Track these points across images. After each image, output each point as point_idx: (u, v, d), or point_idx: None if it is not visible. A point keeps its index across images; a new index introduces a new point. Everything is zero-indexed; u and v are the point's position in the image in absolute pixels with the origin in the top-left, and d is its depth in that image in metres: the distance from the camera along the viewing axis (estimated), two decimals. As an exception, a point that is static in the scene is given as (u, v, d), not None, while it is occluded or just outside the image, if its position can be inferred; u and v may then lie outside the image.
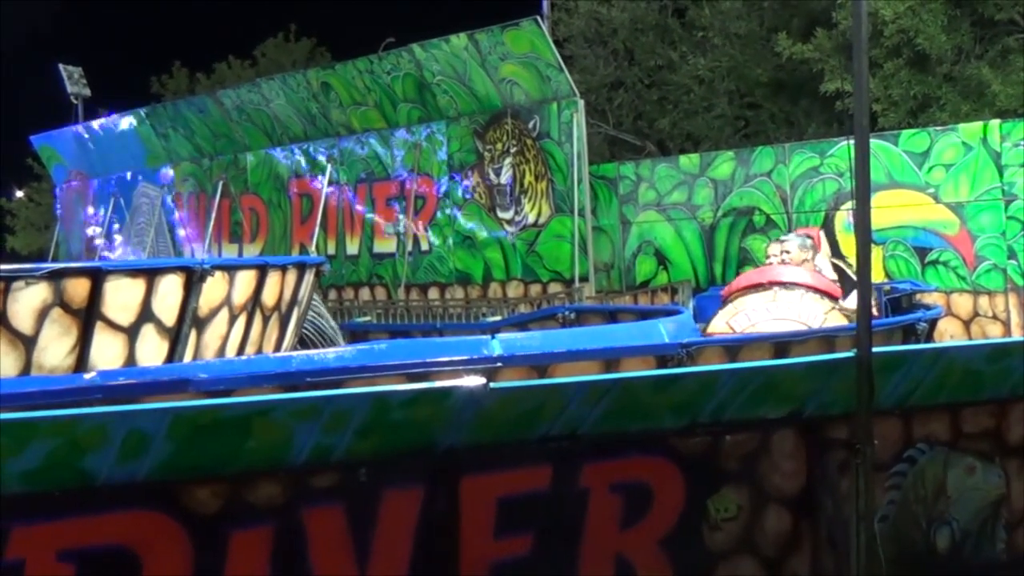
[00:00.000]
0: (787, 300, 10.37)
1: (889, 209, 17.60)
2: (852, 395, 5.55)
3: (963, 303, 17.21)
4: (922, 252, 17.67)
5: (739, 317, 10.46)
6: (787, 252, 11.58)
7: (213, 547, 4.61)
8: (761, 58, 26.69)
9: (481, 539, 5.15)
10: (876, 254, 17.40)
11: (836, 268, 11.82)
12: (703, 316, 13.67)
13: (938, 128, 18.18)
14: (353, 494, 4.88)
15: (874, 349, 5.58)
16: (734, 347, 9.37)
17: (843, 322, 10.03)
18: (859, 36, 5.58)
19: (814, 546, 5.88)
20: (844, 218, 18.40)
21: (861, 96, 5.60)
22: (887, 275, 17.52)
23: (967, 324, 17.13)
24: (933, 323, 11.98)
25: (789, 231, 19.13)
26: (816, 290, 10.44)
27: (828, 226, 18.82)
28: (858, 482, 5.50)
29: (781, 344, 9.60)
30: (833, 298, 10.49)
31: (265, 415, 4.59)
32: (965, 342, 13.47)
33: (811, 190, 19.13)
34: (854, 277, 11.27)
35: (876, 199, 16.97)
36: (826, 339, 9.66)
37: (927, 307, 12.84)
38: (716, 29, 27.23)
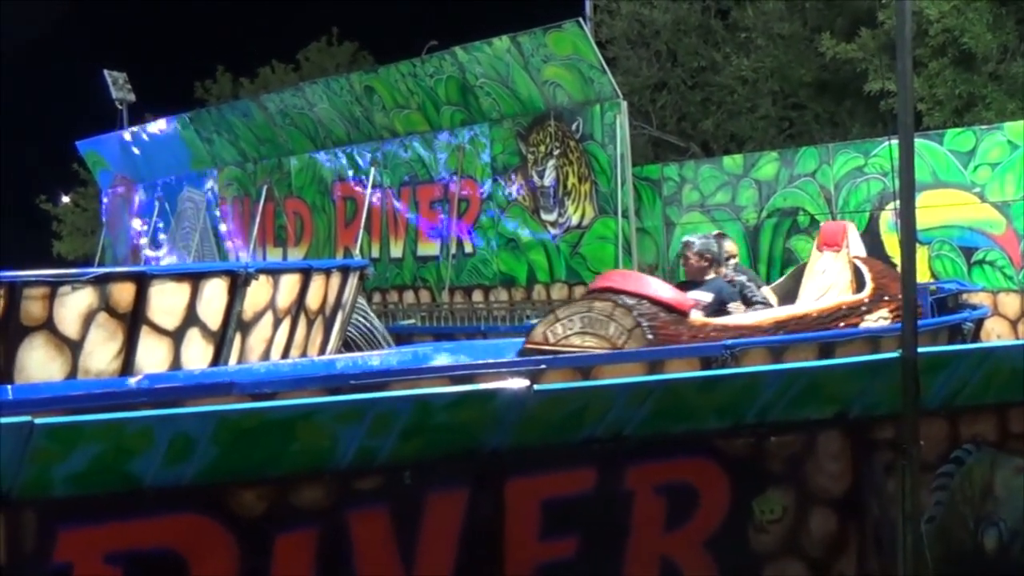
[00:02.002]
0: (599, 313, 9.77)
1: (935, 209, 17.51)
2: (898, 396, 5.52)
3: (1010, 303, 17.09)
4: (968, 252, 17.56)
5: (557, 327, 9.98)
6: (686, 256, 11.11)
7: (258, 550, 4.62)
8: (805, 58, 26.59)
9: (526, 542, 5.15)
10: (922, 254, 17.30)
11: (855, 267, 11.43)
12: (748, 317, 13.65)
13: (983, 127, 18.07)
14: (398, 497, 4.88)
15: (920, 349, 5.54)
16: (779, 348, 9.35)
17: (641, 343, 9.35)
18: (903, 35, 5.55)
19: (860, 548, 5.85)
20: (889, 218, 18.31)
21: (905, 95, 5.57)
22: (933, 275, 17.42)
23: (1014, 324, 17.00)
24: (979, 323, 11.93)
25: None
26: (656, 302, 9.66)
27: (873, 226, 18.73)
28: (904, 483, 5.47)
29: (826, 344, 9.58)
30: (678, 311, 9.72)
31: (309, 418, 4.60)
32: (1012, 342, 13.38)
33: (855, 190, 19.05)
34: (868, 277, 11.06)
35: (921, 199, 16.91)
36: (871, 339, 9.64)
37: (973, 307, 12.78)
38: (759, 29, 27.14)
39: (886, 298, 10.79)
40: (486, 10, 28.44)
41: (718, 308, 10.46)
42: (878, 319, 10.69)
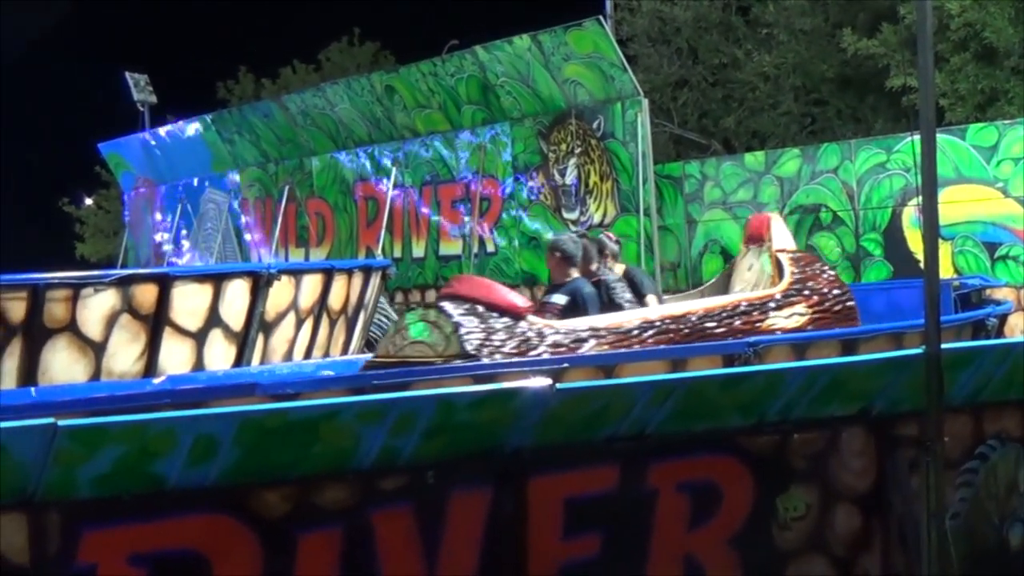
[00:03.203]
0: (428, 320, 9.31)
1: (957, 204, 17.46)
2: (921, 392, 5.50)
3: (1034, 298, 17.04)
4: (991, 247, 17.50)
5: (397, 337, 9.45)
6: (547, 257, 10.44)
7: (282, 550, 4.63)
8: (826, 54, 26.53)
9: (549, 540, 5.15)
10: (945, 250, 17.26)
11: (777, 261, 10.78)
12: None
13: (1006, 122, 18.02)
14: (421, 496, 4.89)
15: (943, 345, 5.53)
16: (801, 345, 9.33)
17: (457, 351, 8.81)
18: (924, 30, 5.53)
19: (885, 545, 5.84)
20: (912, 214, 18.27)
21: (927, 91, 5.55)
22: (956, 271, 17.37)
23: (1038, 319, 16.95)
24: (1003, 318, 11.86)
25: (856, 228, 19.04)
26: (489, 306, 9.09)
27: (895, 222, 18.69)
28: (929, 480, 5.45)
29: (849, 341, 9.55)
30: (513, 314, 9.11)
31: (332, 418, 4.60)
32: (1037, 337, 13.33)
33: (878, 186, 19.00)
34: (788, 272, 10.59)
35: (944, 194, 16.86)
36: (895, 335, 9.60)
37: (997, 302, 12.72)
38: (781, 25, 27.08)
39: (805, 293, 10.31)
40: (506, 9, 28.42)
41: (575, 309, 9.78)
42: (791, 316, 10.23)
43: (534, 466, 5.11)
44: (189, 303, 12.31)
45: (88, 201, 46.04)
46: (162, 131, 33.50)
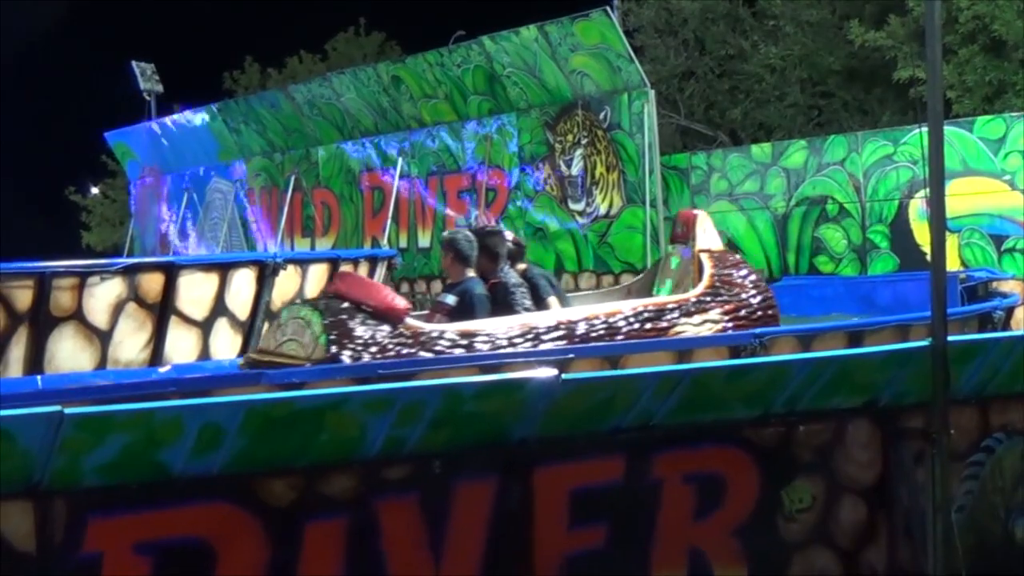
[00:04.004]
0: (302, 318, 8.86)
1: (964, 196, 17.44)
2: (927, 384, 5.50)
3: (1040, 291, 17.01)
4: (998, 240, 17.48)
5: (277, 333, 8.90)
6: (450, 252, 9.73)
7: (287, 539, 4.63)
8: (833, 46, 26.52)
9: (554, 531, 5.14)
10: (952, 242, 17.24)
11: (699, 262, 10.02)
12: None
13: (1014, 114, 17.98)
14: (426, 486, 4.89)
15: (950, 338, 5.52)
16: (807, 337, 9.31)
17: (323, 354, 8.33)
18: (933, 22, 5.52)
19: (890, 537, 5.83)
20: (918, 206, 18.25)
21: (935, 83, 5.54)
22: (963, 263, 17.35)
23: (1045, 312, 16.93)
24: (1010, 311, 11.84)
25: (863, 220, 19.02)
26: (368, 307, 8.60)
27: (902, 214, 18.68)
28: (934, 472, 5.45)
29: (855, 333, 9.52)
30: (390, 317, 8.63)
31: (338, 408, 4.60)
32: (1043, 330, 13.31)
33: (885, 178, 18.98)
34: (707, 274, 10.03)
35: (951, 187, 16.83)
36: (901, 327, 9.57)
37: (1004, 295, 12.70)
38: (787, 17, 27.08)
39: (722, 298, 9.67)
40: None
41: (465, 311, 9.28)
42: (704, 323, 9.67)
43: (540, 456, 5.11)
44: (195, 292, 12.32)
45: (94, 190, 46.10)
46: (168, 120, 33.53)
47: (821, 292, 14.48)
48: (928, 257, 5.80)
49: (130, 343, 11.93)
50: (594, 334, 9.00)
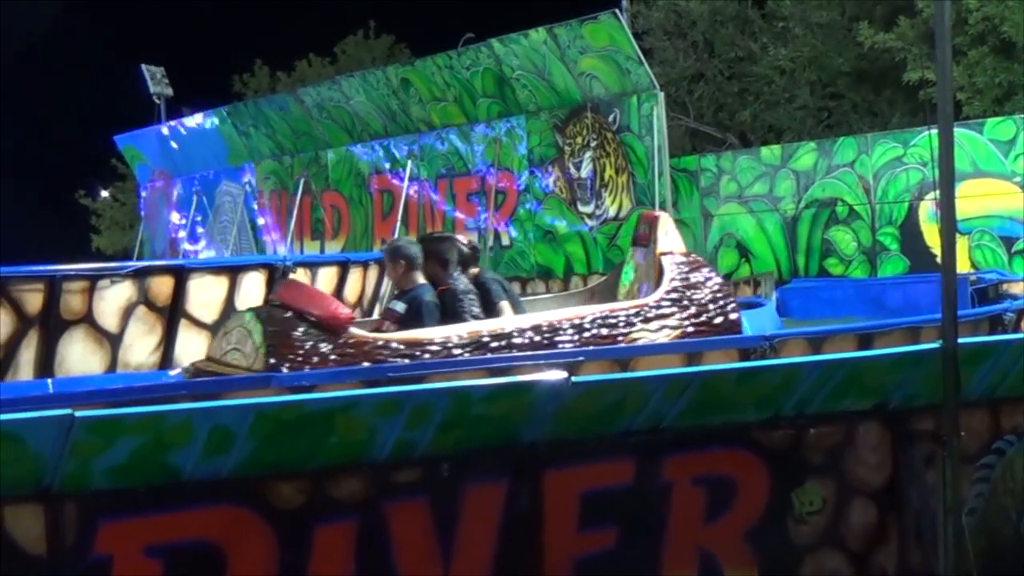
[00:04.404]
0: (245, 327, 8.65)
1: (975, 198, 17.43)
2: (938, 386, 5.49)
3: (1051, 293, 16.98)
4: (1008, 241, 17.47)
5: (223, 341, 8.66)
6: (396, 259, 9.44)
7: (297, 542, 4.63)
8: (843, 48, 26.50)
9: (564, 534, 5.14)
10: (962, 244, 17.22)
11: (660, 266, 9.68)
12: (786, 308, 13.50)
13: (1024, 116, 17.98)
14: (436, 489, 4.89)
15: (960, 340, 5.51)
16: (817, 339, 9.30)
17: (263, 364, 8.10)
18: (943, 24, 5.51)
19: (901, 539, 5.82)
20: (928, 208, 18.24)
21: (945, 84, 5.53)
22: (973, 265, 17.34)
23: (1055, 314, 16.89)
24: (1021, 313, 11.82)
25: (872, 222, 19.00)
26: (310, 316, 8.37)
27: (912, 216, 18.66)
28: (945, 474, 5.44)
29: (865, 335, 9.50)
30: (332, 326, 8.38)
31: (347, 411, 4.60)
32: (1053, 332, 13.28)
33: (894, 180, 18.97)
34: (667, 279, 9.73)
35: (961, 188, 16.81)
36: (911, 330, 9.55)
37: (1014, 297, 12.70)
38: (797, 19, 27.07)
39: (683, 303, 9.37)
40: (522, 2, 28.43)
41: (414, 319, 9.07)
42: (662, 328, 9.37)
43: (550, 459, 5.11)
44: (205, 295, 12.33)
45: (104, 193, 46.17)
46: (178, 124, 33.56)
47: (831, 294, 14.49)
48: (938, 259, 5.80)
49: (140, 346, 11.94)
50: (543, 341, 8.81)
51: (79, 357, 11.46)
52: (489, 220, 23.59)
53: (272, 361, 8.07)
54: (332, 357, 8.16)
